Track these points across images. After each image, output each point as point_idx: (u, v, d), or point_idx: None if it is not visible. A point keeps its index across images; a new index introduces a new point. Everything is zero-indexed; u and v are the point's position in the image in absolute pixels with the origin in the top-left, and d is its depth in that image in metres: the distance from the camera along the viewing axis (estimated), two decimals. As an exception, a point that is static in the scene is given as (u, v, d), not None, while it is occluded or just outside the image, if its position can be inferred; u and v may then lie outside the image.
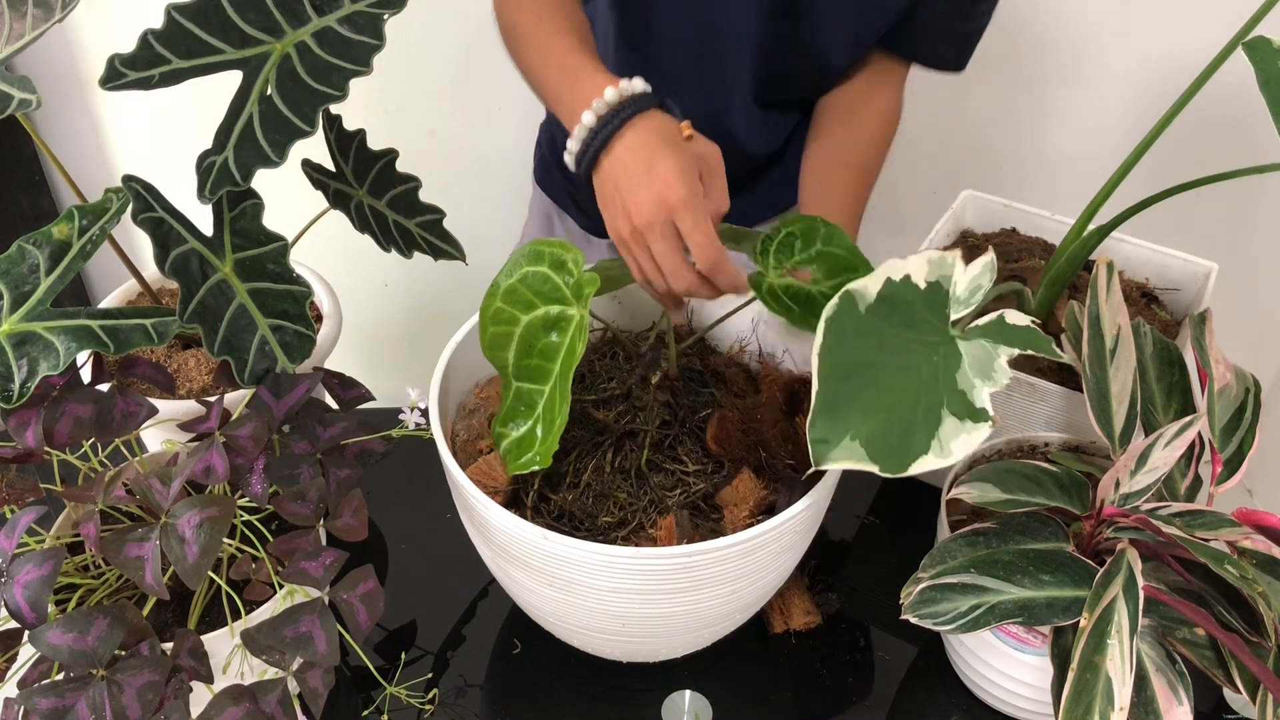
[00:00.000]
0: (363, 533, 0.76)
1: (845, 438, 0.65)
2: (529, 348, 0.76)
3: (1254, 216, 1.62)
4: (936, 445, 0.65)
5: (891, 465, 0.65)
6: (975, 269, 0.72)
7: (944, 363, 0.68)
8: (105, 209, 0.74)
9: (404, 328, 1.99)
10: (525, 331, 0.76)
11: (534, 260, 0.76)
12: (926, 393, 0.67)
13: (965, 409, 0.66)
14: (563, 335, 0.74)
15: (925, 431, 0.65)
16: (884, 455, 0.65)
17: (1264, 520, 0.72)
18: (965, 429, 0.65)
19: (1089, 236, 0.90)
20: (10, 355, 0.70)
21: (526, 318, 0.76)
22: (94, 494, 0.70)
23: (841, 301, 0.68)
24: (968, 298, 0.71)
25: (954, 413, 0.66)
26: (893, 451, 0.65)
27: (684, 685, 0.83)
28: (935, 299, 0.71)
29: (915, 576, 0.73)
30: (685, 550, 0.68)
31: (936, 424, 0.66)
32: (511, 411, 0.77)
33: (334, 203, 0.99)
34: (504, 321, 0.77)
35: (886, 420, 0.65)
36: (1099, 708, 0.64)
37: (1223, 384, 0.84)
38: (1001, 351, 0.68)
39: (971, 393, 0.67)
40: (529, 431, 0.75)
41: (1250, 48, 0.76)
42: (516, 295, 0.76)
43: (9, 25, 0.76)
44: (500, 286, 0.77)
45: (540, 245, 0.75)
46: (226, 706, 0.66)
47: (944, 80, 1.09)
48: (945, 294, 0.71)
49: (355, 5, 0.78)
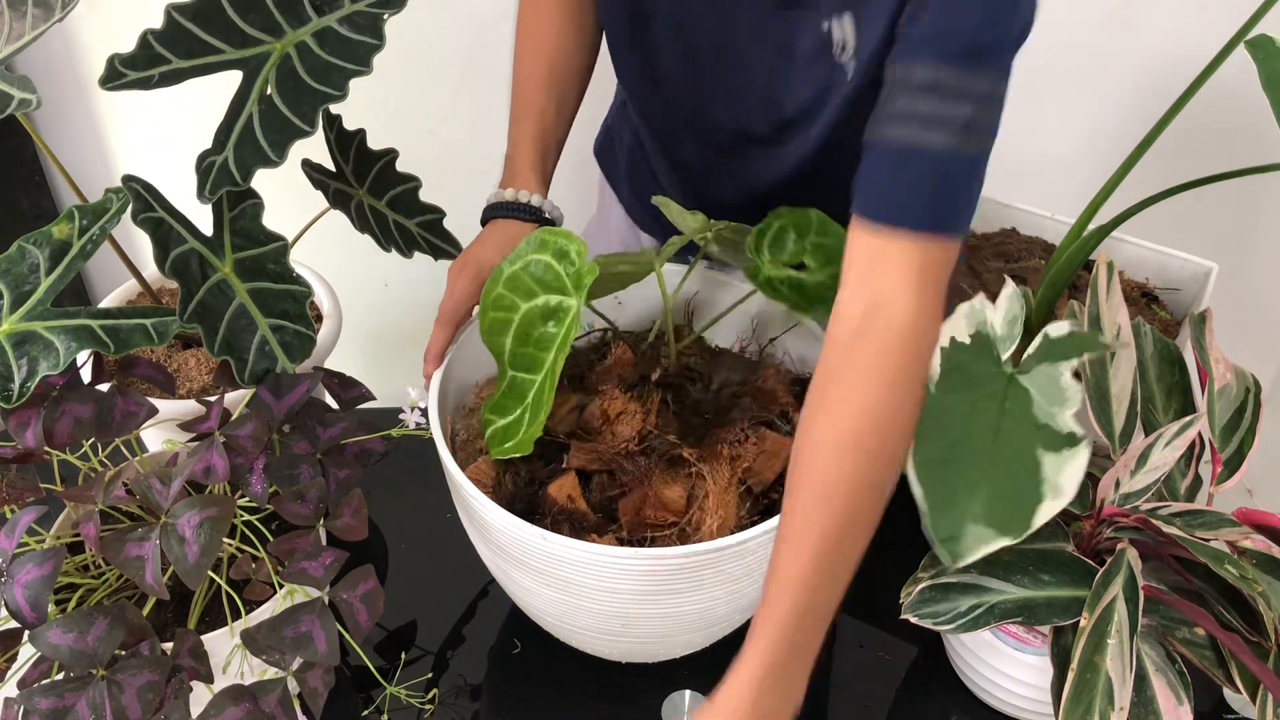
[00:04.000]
0: (363, 533, 0.76)
1: (967, 524, 0.63)
2: (526, 336, 0.76)
3: (1254, 216, 1.62)
4: (1048, 487, 0.63)
5: (1018, 528, 0.63)
6: (1004, 303, 0.71)
7: (1015, 406, 0.67)
8: (105, 209, 0.74)
9: (404, 328, 1.98)
10: (524, 319, 0.76)
11: (538, 248, 0.76)
12: (1013, 442, 0.65)
13: (1056, 439, 0.65)
14: (559, 325, 0.75)
15: (1031, 479, 0.64)
16: (1008, 523, 0.63)
17: (1264, 520, 0.72)
18: (1064, 458, 0.64)
19: (1089, 236, 0.90)
20: (10, 355, 0.70)
21: (526, 305, 0.76)
22: (94, 494, 0.70)
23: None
24: (1009, 332, 0.70)
25: (1048, 448, 0.65)
26: (1013, 515, 0.63)
27: (684, 685, 0.83)
28: (983, 349, 0.70)
29: (915, 576, 0.73)
30: (685, 550, 0.68)
31: (1037, 467, 0.64)
32: (503, 400, 0.77)
33: (334, 203, 0.99)
34: (504, 308, 0.77)
35: (993, 489, 0.64)
36: (1099, 708, 0.64)
37: (1223, 384, 0.84)
38: (1063, 369, 0.67)
39: (1054, 421, 0.65)
40: (515, 420, 0.75)
41: (1252, 46, 0.76)
42: (518, 282, 0.76)
43: (9, 25, 0.76)
44: (504, 273, 0.77)
45: (546, 234, 0.76)
46: (226, 706, 0.66)
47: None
48: (989, 339, 0.71)
49: (355, 5, 0.78)
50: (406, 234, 1.04)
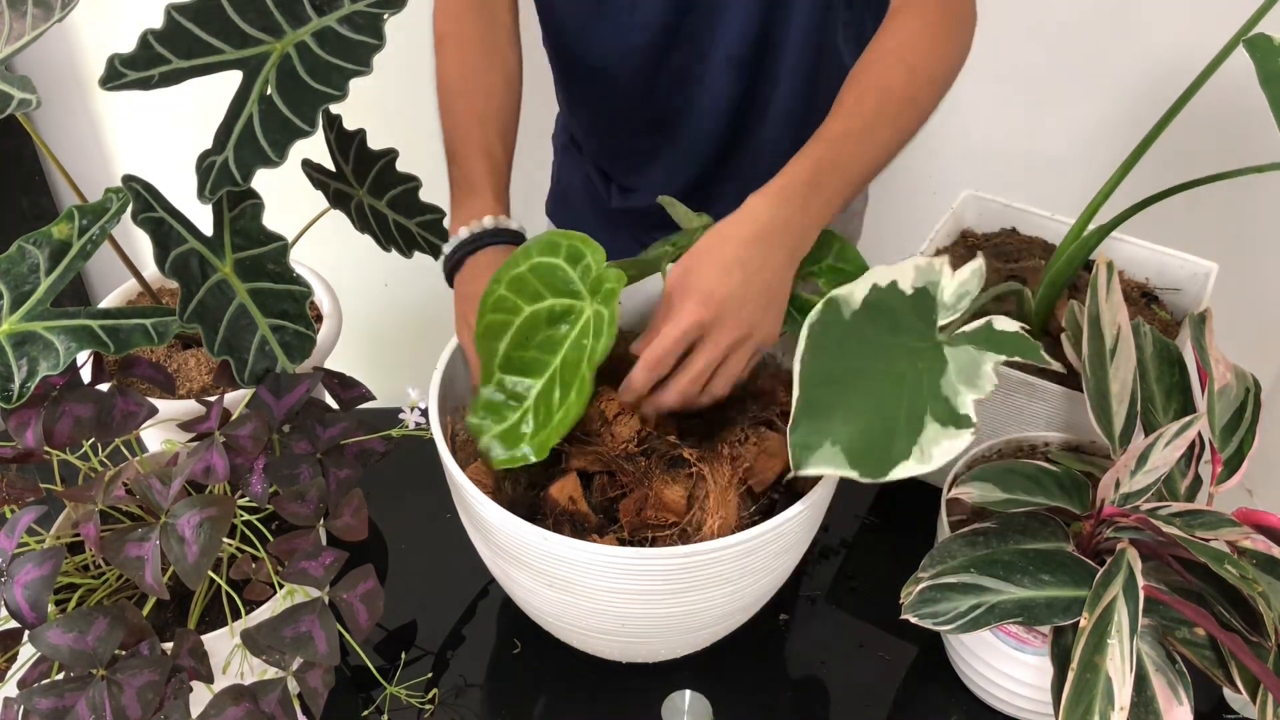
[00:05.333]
0: (363, 533, 0.76)
1: (825, 443, 0.65)
2: (525, 340, 0.73)
3: (1254, 216, 1.62)
4: (918, 451, 0.65)
5: (871, 471, 0.64)
6: (963, 275, 0.72)
7: (928, 369, 0.68)
8: (105, 209, 0.74)
9: (404, 328, 1.99)
10: (526, 322, 0.73)
11: (548, 250, 0.72)
12: (909, 399, 0.66)
13: (948, 415, 0.66)
14: (570, 328, 0.72)
15: (907, 437, 0.65)
16: (864, 461, 0.65)
17: (1264, 520, 0.72)
18: (947, 435, 0.65)
19: (1089, 236, 0.90)
20: (10, 355, 0.70)
21: (530, 308, 0.73)
22: (94, 494, 0.70)
23: (825, 307, 0.68)
24: (955, 304, 0.71)
25: (937, 419, 0.66)
26: (873, 457, 0.65)
27: (684, 685, 0.83)
28: (922, 305, 0.71)
29: (915, 576, 0.73)
30: (685, 550, 0.68)
31: (918, 430, 0.65)
32: (491, 403, 0.74)
33: (334, 203, 0.99)
34: (505, 310, 0.73)
35: (867, 426, 0.65)
36: (1099, 708, 0.64)
37: (1223, 384, 0.84)
38: (988, 358, 0.68)
39: (955, 399, 0.67)
40: (514, 425, 0.73)
41: (1251, 45, 0.76)
42: (523, 284, 0.73)
43: (9, 25, 0.76)
44: (506, 273, 0.73)
45: (557, 236, 0.72)
46: (226, 706, 0.66)
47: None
48: (933, 300, 0.71)
49: (355, 5, 0.78)
50: (406, 234, 1.04)
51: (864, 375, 0.67)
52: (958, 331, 0.70)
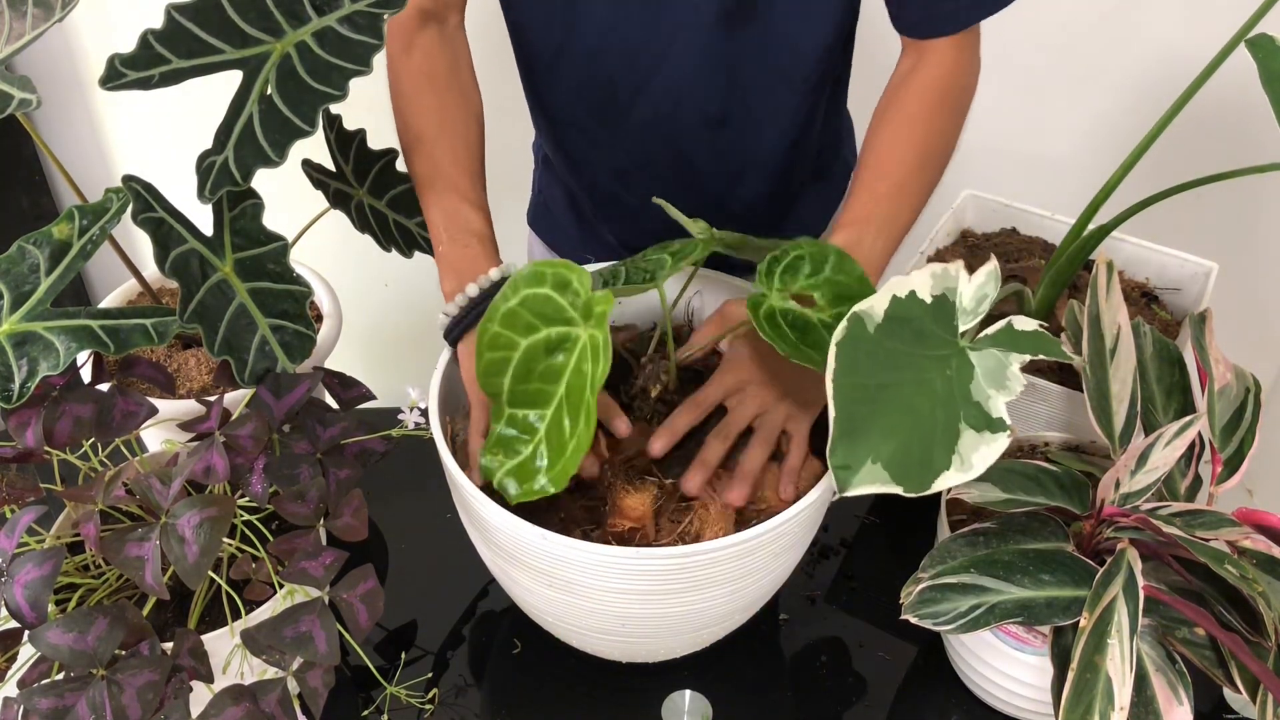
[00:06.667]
0: (363, 533, 0.76)
1: (867, 461, 0.64)
2: (527, 372, 0.72)
3: (1254, 216, 1.62)
4: (958, 460, 0.64)
5: (914, 485, 0.63)
6: (980, 278, 0.71)
7: (957, 376, 0.67)
8: (105, 209, 0.74)
9: (404, 328, 1.99)
10: (525, 355, 0.72)
11: (534, 282, 0.71)
12: (943, 408, 0.66)
13: (982, 420, 0.65)
14: (568, 356, 0.71)
15: (945, 447, 0.64)
16: (907, 475, 0.64)
17: (1264, 520, 0.72)
18: (984, 440, 0.64)
19: (1089, 236, 0.90)
20: (10, 355, 0.70)
21: (526, 341, 0.72)
22: (94, 494, 0.70)
23: (850, 324, 0.67)
24: (974, 308, 0.70)
25: (972, 425, 0.65)
26: (915, 470, 0.64)
27: (684, 685, 0.84)
28: (942, 312, 0.70)
29: (915, 576, 0.73)
30: (685, 550, 0.68)
31: (955, 438, 0.65)
32: (502, 439, 0.72)
33: (334, 203, 0.99)
34: (501, 347, 0.72)
35: (906, 440, 0.64)
36: (1099, 708, 0.64)
37: (1223, 384, 0.84)
38: (1013, 359, 0.67)
39: (987, 403, 0.66)
40: (527, 459, 0.71)
41: (1253, 45, 0.76)
42: (516, 319, 0.72)
43: (9, 25, 0.76)
44: (498, 310, 0.72)
45: (541, 266, 0.72)
46: (226, 706, 0.66)
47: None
48: (952, 306, 0.71)
49: (355, 5, 0.78)
50: (406, 234, 1.04)
51: (896, 388, 0.66)
52: (980, 335, 0.70)
